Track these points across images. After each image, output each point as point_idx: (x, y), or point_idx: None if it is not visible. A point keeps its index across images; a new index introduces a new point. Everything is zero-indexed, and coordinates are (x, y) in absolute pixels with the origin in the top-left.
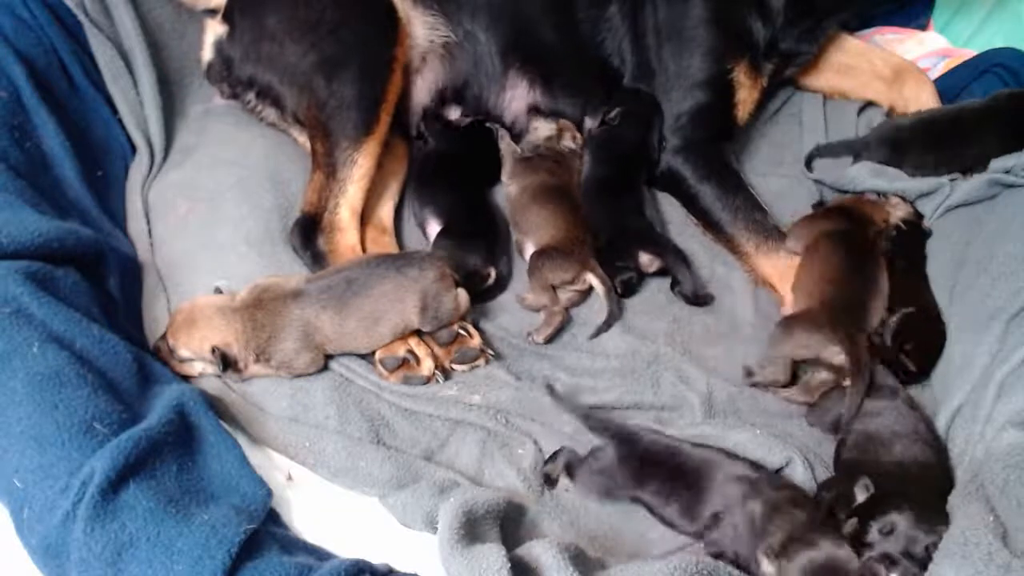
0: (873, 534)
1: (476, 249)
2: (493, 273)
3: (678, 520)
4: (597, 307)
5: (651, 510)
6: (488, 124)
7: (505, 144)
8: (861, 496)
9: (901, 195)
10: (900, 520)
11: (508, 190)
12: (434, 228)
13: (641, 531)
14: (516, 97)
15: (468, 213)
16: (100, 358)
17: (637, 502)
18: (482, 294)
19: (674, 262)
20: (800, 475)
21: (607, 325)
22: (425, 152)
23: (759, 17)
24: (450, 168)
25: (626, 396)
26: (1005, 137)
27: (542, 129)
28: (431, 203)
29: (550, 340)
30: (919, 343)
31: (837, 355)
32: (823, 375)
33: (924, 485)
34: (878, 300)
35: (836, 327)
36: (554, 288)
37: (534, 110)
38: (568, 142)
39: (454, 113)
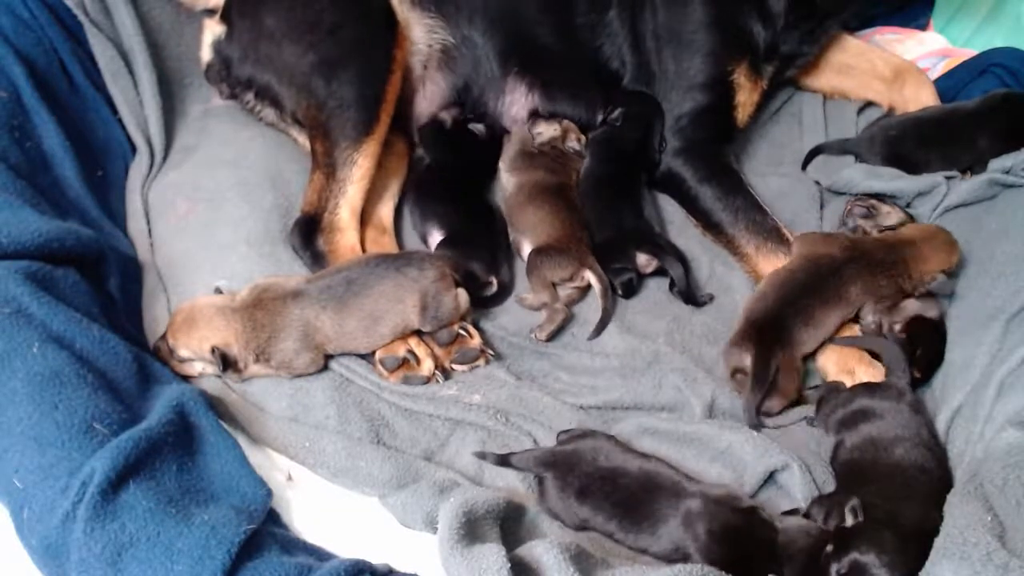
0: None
1: (477, 258)
2: (495, 282)
3: (630, 541)
4: (596, 306)
5: (607, 535)
6: (474, 126)
7: (517, 130)
8: (850, 520)
9: (893, 196)
10: (861, 562)
11: (505, 184)
12: (436, 239)
13: None
14: (515, 101)
15: (469, 223)
16: (100, 358)
17: (590, 528)
18: (484, 302)
19: (671, 264)
20: (797, 480)
21: (603, 324)
22: (425, 163)
23: (759, 19)
24: (450, 178)
25: (627, 396)
26: (999, 137)
27: (546, 132)
28: (432, 215)
29: (552, 337)
30: (926, 349)
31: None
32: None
33: (921, 491)
34: (808, 329)
35: (745, 341)
36: (554, 286)
37: (534, 113)
38: (572, 143)
39: (454, 118)
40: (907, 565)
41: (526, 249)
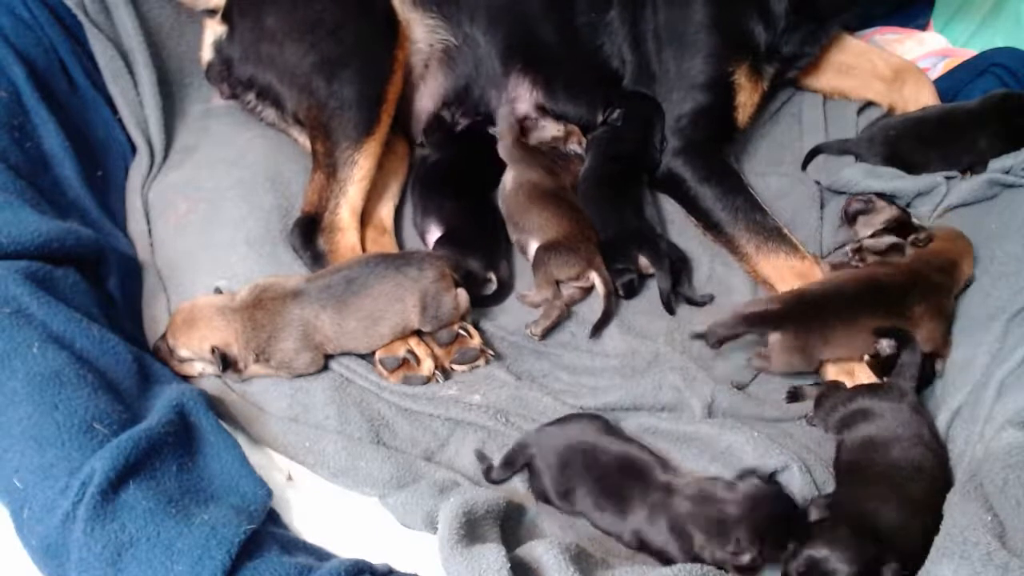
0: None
1: (476, 255)
2: (494, 278)
3: (612, 526)
4: (597, 306)
5: (593, 524)
6: (490, 130)
7: (504, 116)
8: (813, 515)
9: (893, 195)
10: (814, 558)
11: (503, 181)
12: (434, 235)
13: None
14: (517, 100)
15: (469, 221)
16: (100, 358)
17: (579, 515)
18: (484, 301)
19: (662, 277)
20: (797, 480)
21: (602, 325)
22: (427, 161)
23: (761, 20)
24: (452, 176)
25: (627, 396)
26: (998, 137)
27: (549, 129)
28: (433, 211)
29: (546, 334)
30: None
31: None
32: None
33: (913, 489)
34: (843, 332)
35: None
36: (558, 284)
37: (539, 111)
38: (574, 146)
39: (456, 116)
40: (863, 561)
41: (532, 248)
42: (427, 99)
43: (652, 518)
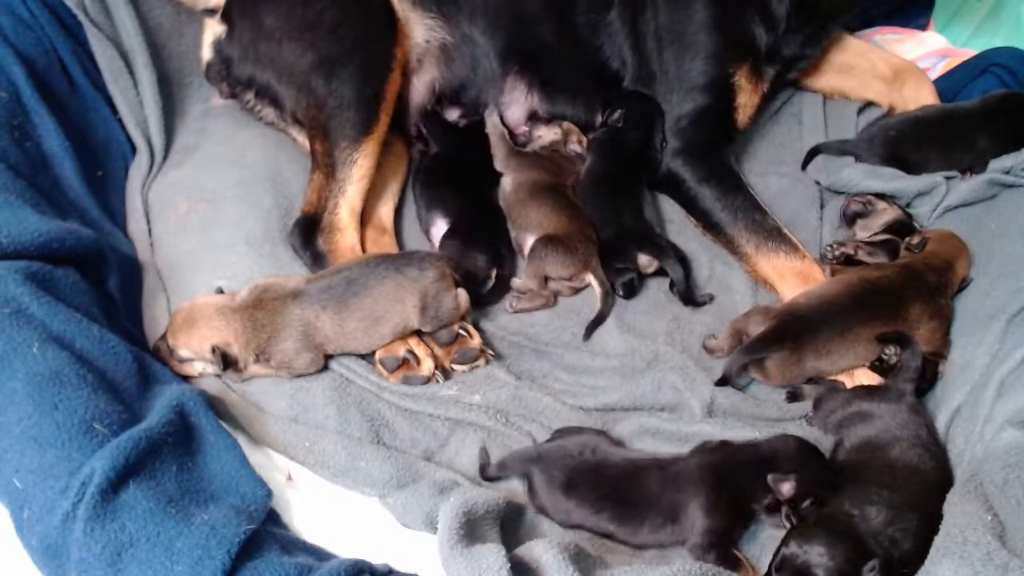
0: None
1: (481, 250)
2: (494, 274)
3: (622, 536)
4: (595, 306)
5: (597, 532)
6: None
7: (492, 126)
8: (787, 523)
9: (893, 196)
10: (786, 556)
11: (503, 183)
12: (440, 230)
13: None
14: (515, 100)
15: (474, 215)
16: (100, 358)
17: (579, 528)
18: (485, 300)
19: (671, 265)
20: None
21: (595, 325)
22: (429, 155)
23: (762, 22)
24: (454, 170)
25: (626, 397)
26: (998, 137)
27: (546, 135)
28: (438, 206)
29: (519, 312)
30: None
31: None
32: None
33: (912, 490)
34: (842, 341)
35: (770, 315)
36: (547, 279)
37: (533, 115)
38: (575, 146)
39: (452, 115)
40: (842, 559)
41: (529, 244)
42: (420, 94)
43: (680, 494)
